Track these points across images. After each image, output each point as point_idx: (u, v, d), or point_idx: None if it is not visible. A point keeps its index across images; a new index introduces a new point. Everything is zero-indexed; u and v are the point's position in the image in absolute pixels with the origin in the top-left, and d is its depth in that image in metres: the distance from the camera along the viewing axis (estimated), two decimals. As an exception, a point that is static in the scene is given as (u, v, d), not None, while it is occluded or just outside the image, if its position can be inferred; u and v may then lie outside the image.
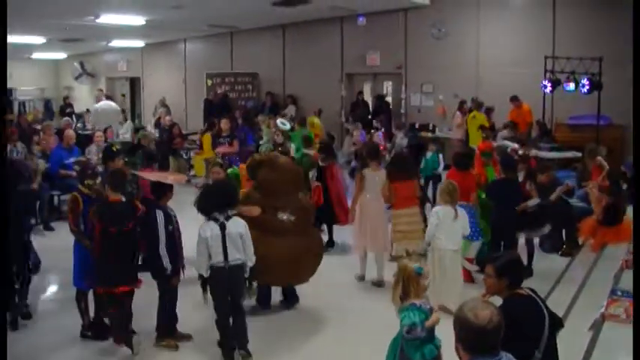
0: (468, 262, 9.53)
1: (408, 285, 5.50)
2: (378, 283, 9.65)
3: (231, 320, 7.27)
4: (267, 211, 8.02)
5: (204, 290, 7.95)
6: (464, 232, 8.70)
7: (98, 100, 21.74)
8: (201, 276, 7.61)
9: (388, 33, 19.39)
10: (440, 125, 18.52)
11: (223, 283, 7.16)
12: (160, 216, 7.38)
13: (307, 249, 8.48)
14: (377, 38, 19.76)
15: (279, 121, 17.10)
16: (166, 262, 7.32)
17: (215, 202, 7.28)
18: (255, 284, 8.85)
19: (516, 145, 12.77)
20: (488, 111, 16.36)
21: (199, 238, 7.09)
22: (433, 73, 18.75)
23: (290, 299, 8.91)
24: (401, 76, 19.75)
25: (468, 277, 9.42)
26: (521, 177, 9.92)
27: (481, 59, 17.67)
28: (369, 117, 19.33)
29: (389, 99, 20.62)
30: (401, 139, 15.23)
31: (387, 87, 20.94)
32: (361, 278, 9.90)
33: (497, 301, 4.47)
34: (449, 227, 8.53)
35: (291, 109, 20.81)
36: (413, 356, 5.45)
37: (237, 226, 7.15)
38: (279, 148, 12.92)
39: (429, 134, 18.13)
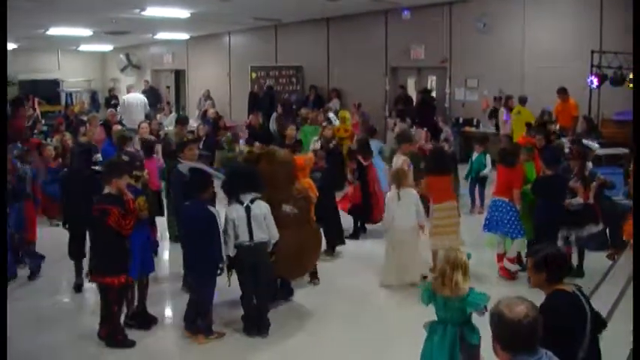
0: (509, 262, 9.50)
1: (466, 269, 5.88)
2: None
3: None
4: (271, 205, 8.03)
5: (229, 272, 8.04)
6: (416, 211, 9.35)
7: (128, 91, 21.91)
8: (227, 258, 7.72)
9: (433, 27, 19.27)
10: (484, 120, 18.37)
11: (249, 261, 7.61)
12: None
13: (310, 239, 8.73)
14: (421, 32, 19.64)
15: (331, 115, 17.16)
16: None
17: (240, 185, 7.74)
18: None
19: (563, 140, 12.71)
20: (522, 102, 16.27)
21: (226, 219, 7.56)
22: (478, 68, 18.60)
23: (286, 292, 9.01)
24: (445, 70, 19.62)
25: (508, 275, 9.38)
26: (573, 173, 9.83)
27: (526, 54, 17.47)
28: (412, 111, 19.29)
29: (433, 94, 20.46)
30: (446, 133, 15.11)
31: (431, 81, 20.78)
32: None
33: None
34: (397, 209, 9.28)
35: (335, 103, 20.80)
36: (473, 338, 5.80)
37: (260, 207, 7.65)
38: (331, 144, 12.91)
39: (473, 129, 18.02)
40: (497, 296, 3.98)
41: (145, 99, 20.52)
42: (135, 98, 20.38)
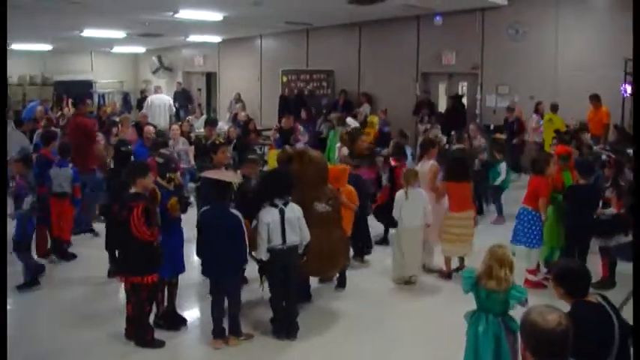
0: (530, 274, 9.49)
1: (510, 266, 6.11)
2: (429, 270, 10.21)
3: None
4: (302, 204, 8.07)
5: (262, 278, 8.08)
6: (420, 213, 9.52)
7: (155, 92, 22.04)
8: (259, 261, 7.84)
9: (465, 33, 19.23)
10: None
11: (280, 264, 7.68)
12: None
13: (341, 238, 8.72)
14: (453, 38, 19.61)
15: (349, 120, 17.19)
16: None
17: (274, 189, 7.83)
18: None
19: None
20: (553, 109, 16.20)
21: (260, 223, 7.61)
22: (509, 74, 18.54)
23: (305, 295, 9.03)
24: (476, 76, 19.57)
25: (533, 284, 9.33)
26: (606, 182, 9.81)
27: (559, 61, 17.39)
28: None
29: (464, 99, 20.40)
30: (479, 140, 15.02)
31: (462, 87, 20.73)
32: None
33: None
34: (406, 208, 9.46)
35: (366, 108, 20.79)
36: (514, 326, 6.02)
37: (293, 210, 7.73)
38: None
39: (504, 136, 17.91)
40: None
41: (171, 101, 20.68)
42: (159, 99, 20.59)
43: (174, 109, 20.54)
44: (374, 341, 7.92)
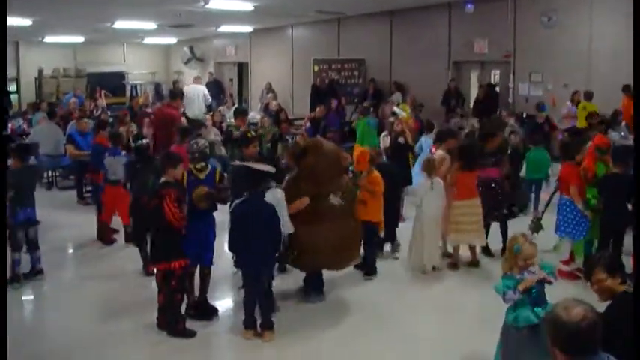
0: (563, 264, 9.41)
1: (509, 256, 6.01)
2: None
3: None
4: (317, 197, 8.11)
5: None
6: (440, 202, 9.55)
7: (195, 81, 22.17)
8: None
9: (497, 20, 19.05)
10: (550, 116, 18.06)
11: None
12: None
13: (355, 231, 8.66)
14: (485, 25, 19.44)
15: (396, 109, 17.09)
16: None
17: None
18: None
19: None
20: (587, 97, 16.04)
21: None
22: (542, 62, 18.36)
23: (318, 287, 9.00)
24: (509, 64, 19.40)
25: (566, 275, 9.25)
26: None
27: (593, 48, 17.19)
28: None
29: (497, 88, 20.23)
30: (512, 127, 14.87)
31: (495, 75, 20.58)
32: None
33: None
34: (429, 198, 9.48)
35: (397, 96, 20.69)
36: (507, 317, 5.94)
37: (274, 196, 7.81)
38: (400, 139, 12.80)
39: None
40: (558, 296, 3.92)
41: (205, 90, 20.76)
42: (194, 89, 20.67)
43: (209, 99, 20.64)
44: (392, 332, 7.94)
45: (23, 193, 9.38)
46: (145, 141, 9.69)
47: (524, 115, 18.23)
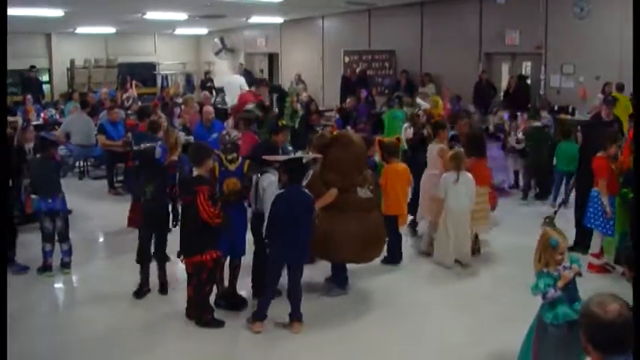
0: (594, 257, 9.31)
1: (543, 252, 5.82)
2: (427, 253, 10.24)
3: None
4: (345, 189, 8.11)
5: None
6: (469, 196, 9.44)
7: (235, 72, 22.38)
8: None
9: (528, 11, 18.87)
10: (580, 108, 17.91)
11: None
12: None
13: (380, 225, 8.64)
14: (516, 17, 19.26)
15: (419, 100, 17.01)
16: None
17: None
18: None
19: None
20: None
21: None
22: (574, 54, 18.17)
23: (342, 281, 8.98)
24: (540, 56, 19.22)
25: (596, 269, 9.16)
26: None
27: (625, 40, 16.94)
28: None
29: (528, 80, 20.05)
30: (545, 119, 14.75)
31: (526, 67, 20.41)
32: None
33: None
34: (455, 191, 9.38)
35: (430, 88, 20.58)
36: (545, 316, 5.78)
37: (263, 180, 8.07)
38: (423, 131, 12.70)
39: (569, 117, 17.60)
40: (588, 290, 3.87)
41: (243, 80, 20.90)
42: (233, 79, 21.01)
43: (246, 88, 20.79)
44: (413, 326, 7.98)
45: (41, 183, 9.45)
46: (148, 145, 9.06)
47: (556, 108, 18.08)
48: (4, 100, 11.69)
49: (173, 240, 8.31)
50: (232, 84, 20.54)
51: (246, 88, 20.44)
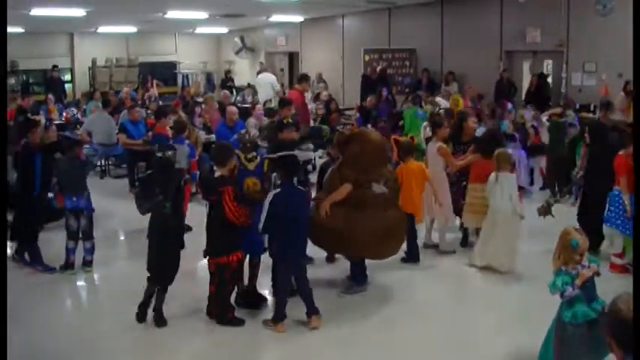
0: (616, 257, 9.26)
1: (563, 251, 5.79)
2: (434, 246, 10.36)
3: None
4: (361, 185, 8.10)
5: None
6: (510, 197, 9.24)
7: (264, 70, 22.66)
8: None
9: (549, 9, 18.77)
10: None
11: None
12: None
13: (398, 221, 8.57)
14: (537, 14, 19.17)
15: (438, 99, 16.97)
16: None
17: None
18: None
19: None
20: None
21: None
22: (596, 51, 18.06)
23: (361, 277, 8.96)
24: (562, 54, 19.12)
25: (619, 268, 9.10)
26: None
27: (649, 37, 16.84)
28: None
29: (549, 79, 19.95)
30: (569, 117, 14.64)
31: (547, 65, 20.31)
32: (426, 245, 10.41)
33: None
34: (496, 192, 9.28)
35: (453, 86, 20.53)
36: (564, 315, 5.75)
37: None
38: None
39: (590, 115, 17.47)
40: (608, 290, 3.85)
41: (274, 79, 21.14)
42: (263, 78, 21.65)
43: (277, 87, 20.98)
44: (433, 324, 7.97)
45: (67, 182, 9.51)
46: (169, 152, 8.39)
47: (577, 106, 17.96)
48: (4, 100, 11.74)
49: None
50: (263, 82, 21.22)
51: (278, 87, 20.74)
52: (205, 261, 7.84)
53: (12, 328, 7.72)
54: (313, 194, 9.17)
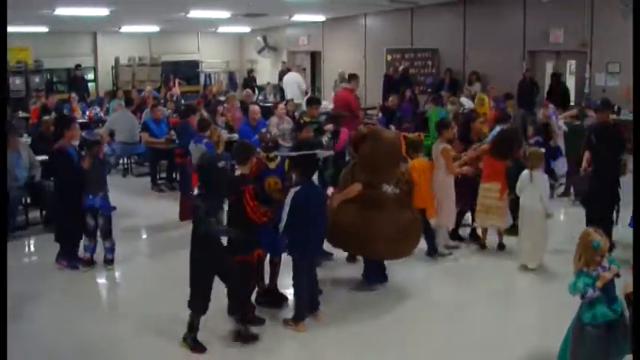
0: None
1: (584, 252, 5.73)
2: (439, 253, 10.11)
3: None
4: (370, 184, 8.10)
5: None
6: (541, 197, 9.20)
7: (291, 69, 22.93)
8: None
9: (573, 9, 18.65)
10: (624, 107, 17.67)
11: None
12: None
13: (411, 222, 8.52)
14: (561, 14, 19.04)
15: (463, 99, 16.89)
16: None
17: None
18: None
19: None
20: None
21: None
22: (620, 52, 17.90)
23: (381, 276, 8.99)
24: (585, 54, 18.99)
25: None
26: None
27: (674, 37, 16.71)
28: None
29: (565, 77, 19.78)
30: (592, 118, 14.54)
31: (570, 66, 20.18)
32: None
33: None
34: (528, 190, 9.27)
35: (476, 86, 20.44)
36: (583, 316, 5.71)
37: None
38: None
39: (614, 116, 17.34)
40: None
41: (300, 78, 21.29)
42: (291, 77, 22.11)
43: (303, 86, 21.16)
44: (452, 322, 7.97)
45: (86, 181, 9.56)
46: (223, 163, 8.07)
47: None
48: (5, 100, 11.86)
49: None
50: (290, 82, 21.79)
51: (304, 86, 20.91)
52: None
53: (26, 326, 7.82)
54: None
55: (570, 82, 19.94)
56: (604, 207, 9.80)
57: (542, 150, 9.92)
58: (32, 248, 10.31)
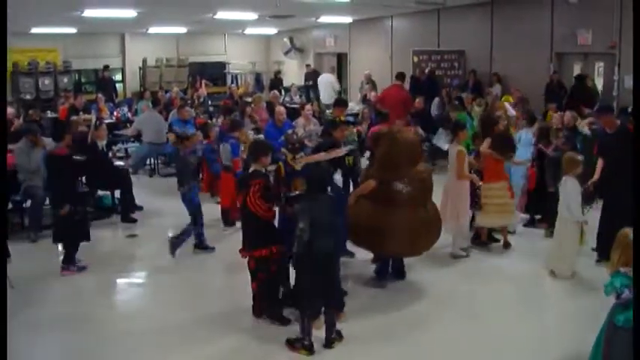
0: None
1: (624, 252, 5.67)
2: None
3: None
4: (384, 182, 8.23)
5: None
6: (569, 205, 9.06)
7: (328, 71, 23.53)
8: None
9: (601, 10, 18.50)
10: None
11: None
12: None
13: (424, 221, 8.57)
14: (589, 16, 18.89)
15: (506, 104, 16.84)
16: None
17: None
18: None
19: None
20: None
21: None
22: (650, 54, 17.77)
23: (397, 274, 9.13)
24: (614, 56, 18.85)
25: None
26: None
27: None
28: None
29: (592, 79, 19.62)
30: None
31: (599, 67, 20.02)
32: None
33: None
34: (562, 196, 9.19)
35: (496, 88, 20.38)
36: (616, 319, 5.66)
37: None
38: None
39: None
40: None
41: (334, 79, 21.52)
42: (325, 78, 23.08)
43: (337, 86, 21.32)
44: (473, 324, 8.00)
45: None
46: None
47: (630, 110, 17.69)
48: (5, 100, 11.97)
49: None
50: (324, 82, 22.79)
51: (338, 86, 21.12)
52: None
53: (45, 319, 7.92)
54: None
55: (598, 85, 19.78)
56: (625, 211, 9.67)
57: (580, 157, 9.67)
58: (59, 247, 10.38)
